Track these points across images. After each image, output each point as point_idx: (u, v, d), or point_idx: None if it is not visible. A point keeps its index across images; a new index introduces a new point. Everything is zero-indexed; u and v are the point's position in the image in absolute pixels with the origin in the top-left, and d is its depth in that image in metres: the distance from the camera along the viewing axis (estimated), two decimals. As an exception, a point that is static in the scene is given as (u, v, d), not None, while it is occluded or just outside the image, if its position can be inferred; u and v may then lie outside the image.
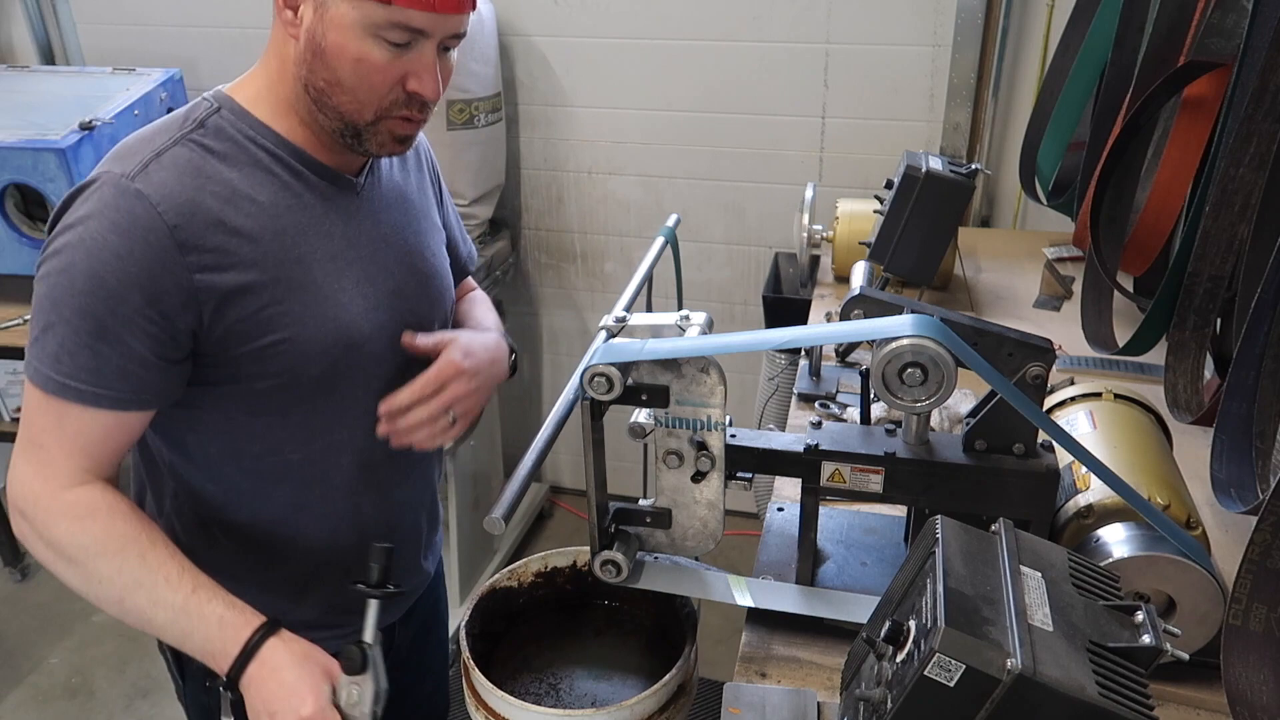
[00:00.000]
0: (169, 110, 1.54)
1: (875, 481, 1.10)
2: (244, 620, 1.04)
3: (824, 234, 2.16)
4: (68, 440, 1.04)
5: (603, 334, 1.13)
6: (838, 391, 1.70)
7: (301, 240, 1.11)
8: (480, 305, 1.47)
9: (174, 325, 1.03)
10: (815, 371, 1.73)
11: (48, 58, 3.18)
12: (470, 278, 1.50)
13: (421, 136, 1.31)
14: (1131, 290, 1.80)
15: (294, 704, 1.00)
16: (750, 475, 1.17)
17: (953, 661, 0.72)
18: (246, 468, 1.17)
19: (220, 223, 1.04)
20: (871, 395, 1.30)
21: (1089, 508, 1.06)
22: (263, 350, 1.08)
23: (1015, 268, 2.25)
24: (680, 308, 1.18)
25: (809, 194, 2.17)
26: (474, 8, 1.09)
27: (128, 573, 1.03)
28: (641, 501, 1.16)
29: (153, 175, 1.02)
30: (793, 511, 1.30)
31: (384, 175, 1.23)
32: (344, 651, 1.04)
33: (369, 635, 1.05)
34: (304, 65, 1.06)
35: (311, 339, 1.10)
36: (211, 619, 1.03)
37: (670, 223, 1.64)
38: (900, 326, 1.01)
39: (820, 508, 1.19)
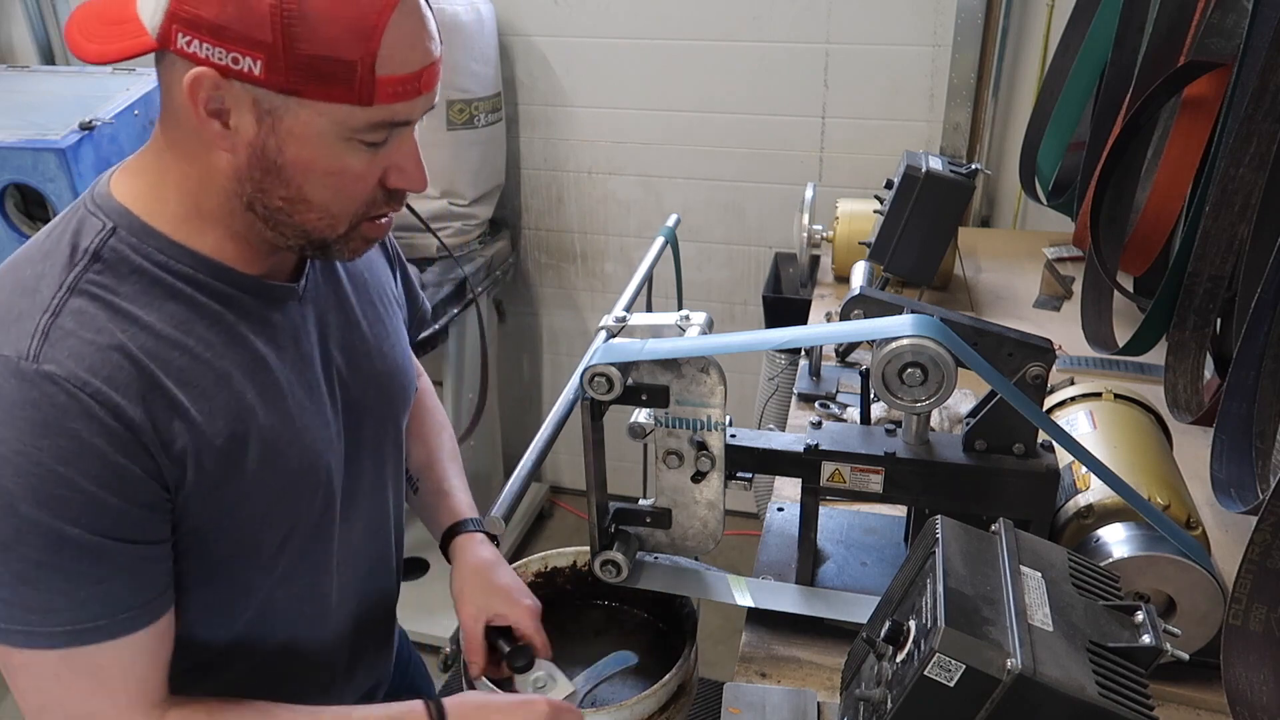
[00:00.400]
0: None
1: (875, 481, 1.10)
2: (411, 710, 0.95)
3: (824, 234, 2.16)
4: (116, 690, 0.84)
5: (603, 334, 1.13)
6: (838, 391, 1.70)
7: (250, 381, 0.89)
8: (448, 461, 1.28)
9: (150, 508, 0.83)
10: (815, 371, 1.73)
11: (48, 58, 3.18)
12: (419, 365, 1.28)
13: None
14: (1131, 290, 1.80)
15: (525, 714, 0.95)
16: (750, 475, 1.17)
17: (953, 661, 0.72)
18: (220, 627, 0.97)
19: (155, 386, 0.82)
20: (871, 395, 1.30)
21: (1089, 508, 1.06)
22: (229, 514, 0.89)
23: (1015, 268, 2.25)
24: (680, 308, 1.18)
25: (809, 194, 2.17)
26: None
27: None
28: (641, 501, 1.16)
29: (57, 349, 0.78)
30: (793, 511, 1.30)
31: (331, 265, 1.03)
32: (507, 658, 1.04)
33: (566, 687, 1.06)
34: (248, 183, 0.84)
35: (279, 492, 0.92)
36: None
37: (670, 223, 1.64)
38: (900, 326, 1.01)
39: (820, 508, 1.19)
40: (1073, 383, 1.35)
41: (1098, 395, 1.25)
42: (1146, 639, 0.78)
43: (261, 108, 0.80)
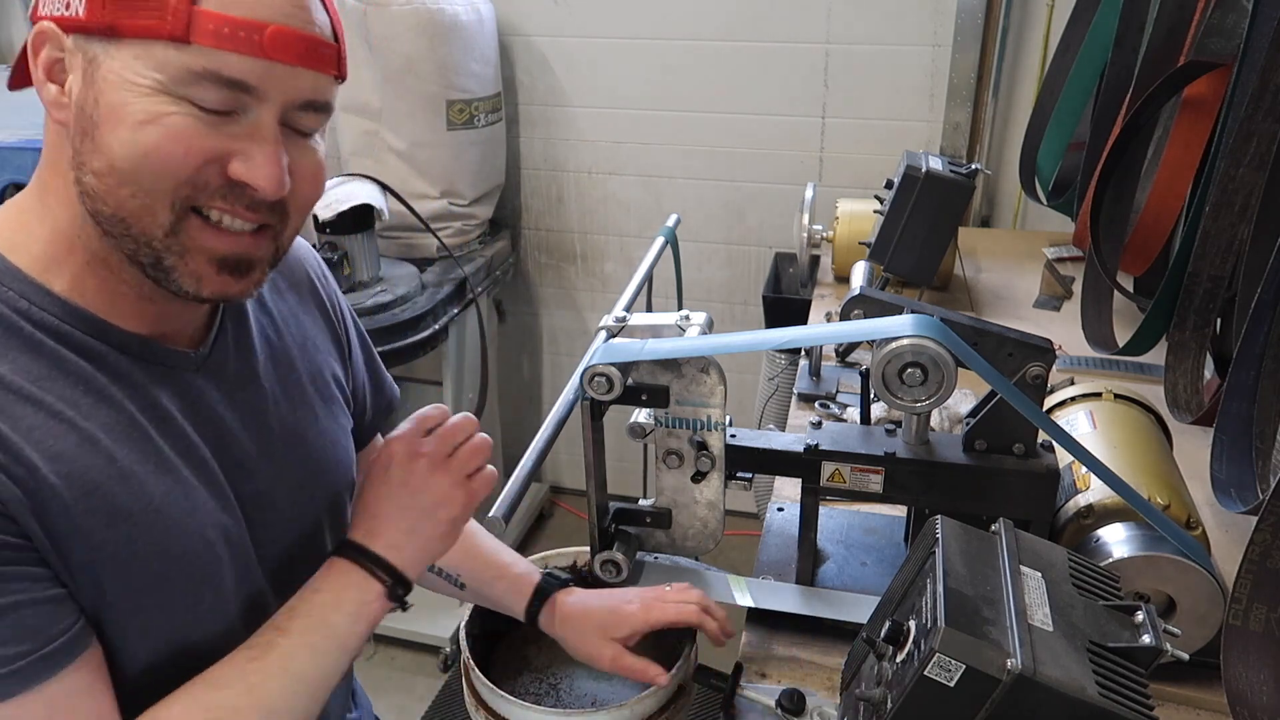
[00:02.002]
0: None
1: (875, 481, 1.10)
2: (328, 567, 0.87)
3: (824, 234, 2.16)
4: None
5: (603, 334, 1.13)
6: (838, 391, 1.70)
7: (125, 448, 0.76)
8: (482, 538, 1.18)
9: (37, 553, 0.72)
10: (815, 371, 1.73)
11: (48, 58, 3.18)
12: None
13: (316, 258, 1.02)
14: (1131, 290, 1.80)
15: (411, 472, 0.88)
16: (750, 475, 1.17)
17: (953, 661, 0.72)
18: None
19: (2, 441, 0.70)
20: (871, 395, 1.30)
21: (1089, 508, 1.06)
22: (99, 612, 0.76)
23: (1015, 268, 2.25)
24: (680, 308, 1.18)
25: (809, 194, 2.17)
26: (339, 71, 0.78)
27: (234, 685, 0.80)
28: (641, 501, 1.16)
29: None
30: (793, 511, 1.30)
31: (247, 337, 0.89)
32: (778, 703, 1.01)
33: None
34: (76, 157, 0.73)
35: (165, 575, 0.79)
36: (312, 598, 0.85)
37: (670, 223, 1.64)
38: (900, 326, 1.01)
39: (820, 508, 1.19)
40: (1073, 383, 1.35)
41: (1098, 395, 1.25)
42: (1146, 639, 0.78)
43: (85, 57, 0.71)
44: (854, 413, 1.62)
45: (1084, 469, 1.03)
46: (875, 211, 1.98)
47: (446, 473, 0.91)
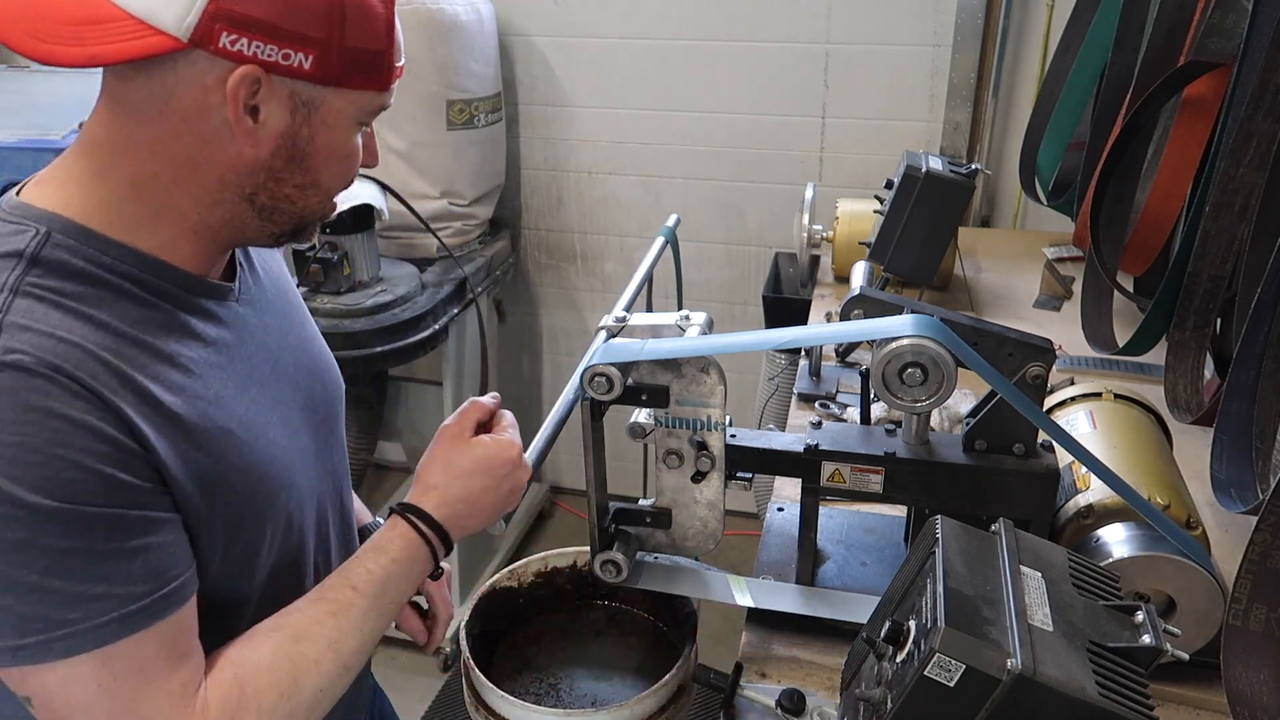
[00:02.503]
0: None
1: (875, 481, 1.10)
2: (398, 534, 0.96)
3: (824, 234, 2.16)
4: (174, 681, 0.80)
5: (603, 334, 1.13)
6: (838, 391, 1.70)
7: (210, 378, 0.87)
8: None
9: (152, 485, 0.81)
10: (815, 371, 1.73)
11: (48, 58, 3.18)
12: None
13: None
14: (1131, 290, 1.80)
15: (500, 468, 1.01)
16: (750, 475, 1.17)
17: (953, 661, 0.72)
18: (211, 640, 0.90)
19: (122, 376, 0.79)
20: (871, 395, 1.30)
21: (1089, 508, 1.06)
22: (207, 524, 0.86)
23: (1015, 268, 2.25)
24: (680, 308, 1.18)
25: (809, 194, 2.17)
26: None
27: (326, 659, 0.88)
28: (641, 501, 1.16)
29: (16, 341, 0.75)
30: (793, 511, 1.30)
31: (254, 270, 1.02)
32: (778, 702, 1.02)
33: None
34: (262, 173, 0.85)
35: (253, 496, 0.90)
36: (389, 566, 0.94)
37: (670, 223, 1.64)
38: (900, 326, 1.01)
39: (820, 508, 1.19)
40: (1073, 383, 1.35)
41: (1098, 395, 1.25)
42: (1146, 639, 0.78)
43: (298, 99, 0.83)
44: (854, 413, 1.62)
45: (1084, 469, 1.03)
46: (875, 211, 1.98)
47: (512, 455, 1.03)
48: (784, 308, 2.50)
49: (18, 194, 0.85)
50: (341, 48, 0.81)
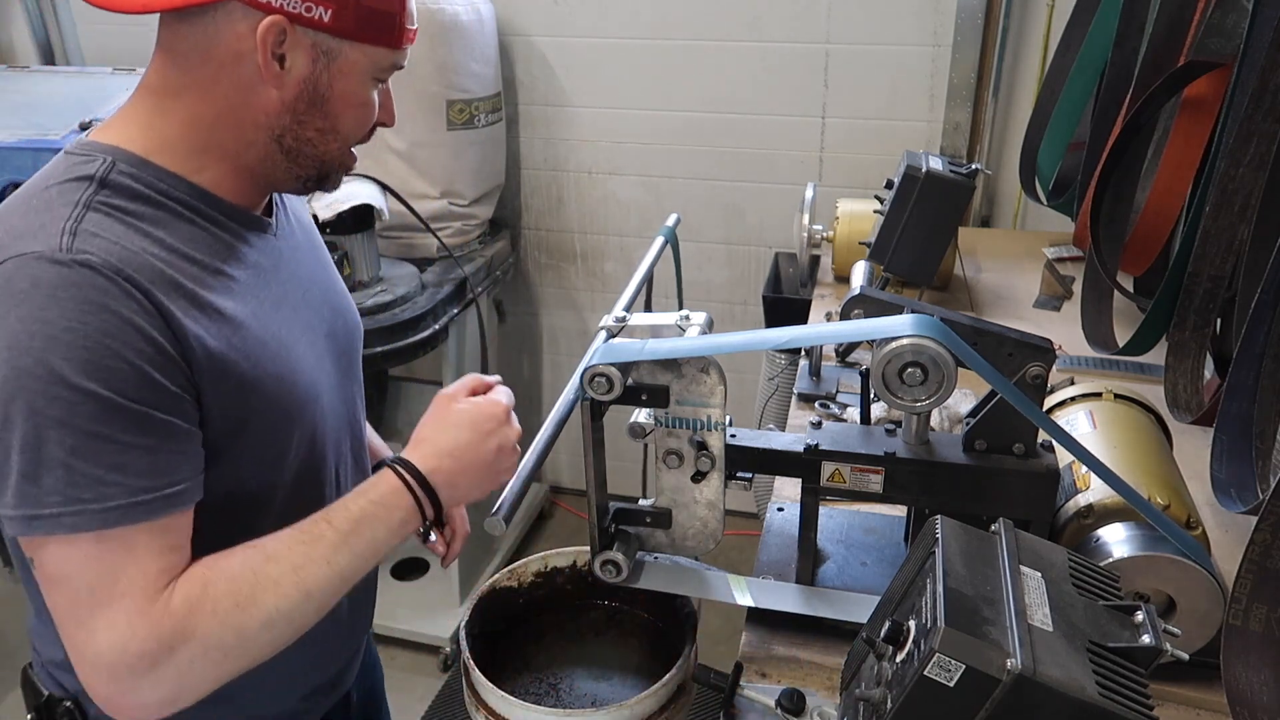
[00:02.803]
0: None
1: (875, 481, 1.10)
2: (382, 480, 1.00)
3: (824, 234, 2.16)
4: (151, 568, 0.87)
5: (603, 334, 1.13)
6: (838, 391, 1.70)
7: (249, 295, 0.99)
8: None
9: (188, 399, 0.91)
10: (815, 371, 1.73)
11: (48, 58, 3.18)
12: None
13: None
14: (1131, 290, 1.80)
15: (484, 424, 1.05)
16: (750, 475, 1.17)
17: (953, 661, 0.72)
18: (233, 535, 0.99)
19: (176, 285, 0.91)
20: (871, 395, 1.30)
21: (1089, 508, 1.06)
22: (243, 433, 0.97)
23: (1015, 268, 2.25)
24: (680, 308, 1.18)
25: (809, 194, 2.17)
26: None
27: (287, 580, 0.92)
28: (641, 501, 1.16)
29: (87, 244, 0.86)
30: (793, 511, 1.30)
31: (287, 213, 1.14)
32: (778, 702, 1.03)
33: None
34: (288, 116, 0.97)
35: (286, 403, 1.01)
36: (366, 506, 0.98)
37: (670, 223, 1.64)
38: (900, 326, 1.01)
39: (820, 508, 1.19)
40: (1073, 383, 1.35)
41: (1098, 395, 1.25)
42: (1146, 639, 0.78)
43: (319, 49, 0.94)
44: (854, 413, 1.62)
45: (1084, 469, 1.03)
46: (875, 211, 1.98)
47: (498, 412, 1.08)
48: (784, 308, 2.50)
49: (88, 135, 0.99)
50: (358, 5, 0.93)
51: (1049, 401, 1.27)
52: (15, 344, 0.83)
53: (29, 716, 1.09)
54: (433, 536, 1.26)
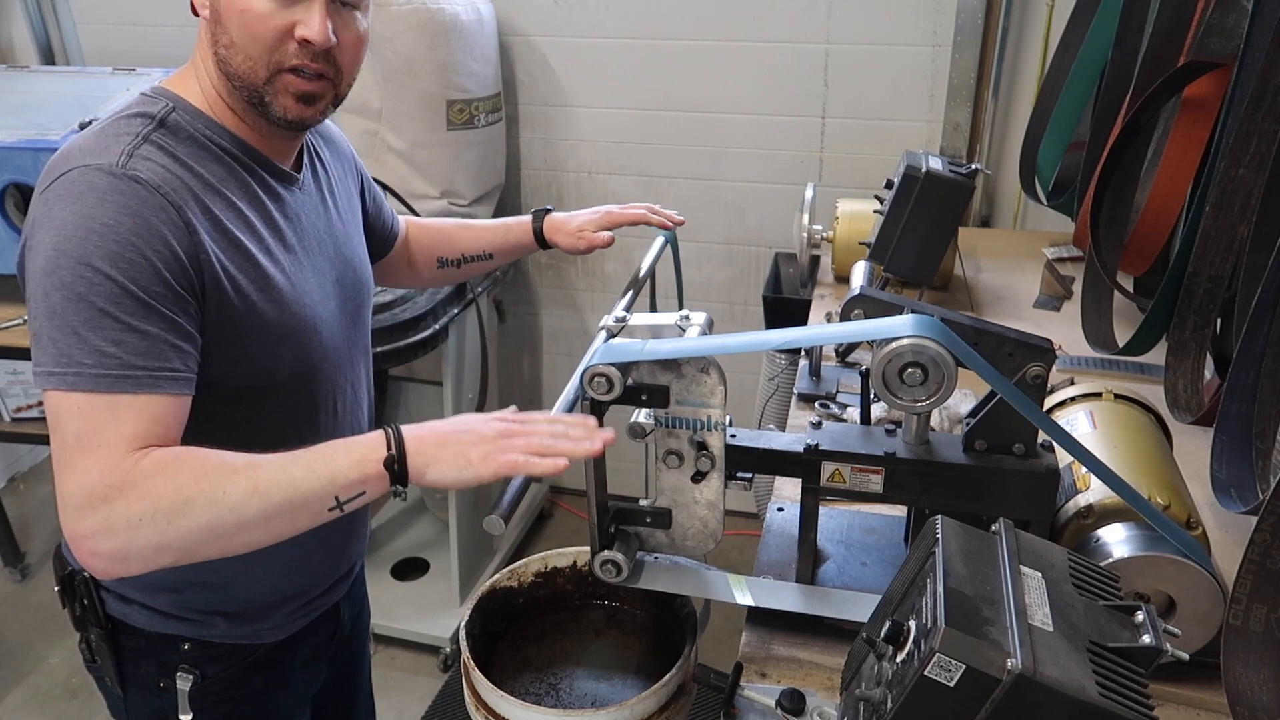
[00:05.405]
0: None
1: (875, 481, 1.10)
2: (370, 442, 1.02)
3: (824, 234, 2.16)
4: (128, 431, 0.98)
5: (603, 334, 1.13)
6: (838, 391, 1.70)
7: (268, 234, 1.16)
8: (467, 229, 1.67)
9: (193, 304, 1.06)
10: (815, 371, 1.73)
11: (48, 58, 3.18)
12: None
13: (344, 139, 1.45)
14: (1131, 290, 1.80)
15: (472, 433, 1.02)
16: (750, 475, 1.17)
17: (953, 661, 0.72)
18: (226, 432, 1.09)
19: (208, 210, 1.09)
20: (871, 395, 1.30)
21: (1089, 508, 1.06)
22: (240, 343, 1.11)
23: (1015, 268, 2.25)
24: (680, 308, 1.18)
25: (809, 194, 2.17)
26: None
27: (243, 474, 0.98)
28: (641, 501, 1.16)
29: (139, 165, 1.04)
30: (793, 511, 1.30)
31: (313, 170, 1.30)
32: (778, 702, 1.02)
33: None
34: (211, 38, 1.11)
35: (283, 328, 1.15)
36: (338, 445, 1.01)
37: (670, 223, 1.64)
38: (900, 326, 1.01)
39: (820, 508, 1.19)
40: (1073, 383, 1.35)
41: (1098, 395, 1.25)
42: (1146, 639, 0.78)
43: None
44: (854, 413, 1.62)
45: (1084, 469, 1.03)
46: (875, 211, 1.98)
47: (503, 430, 1.06)
48: (784, 308, 2.50)
49: (161, 83, 1.18)
50: None
51: (1049, 401, 1.27)
52: (64, 232, 1.00)
53: (56, 588, 1.29)
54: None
